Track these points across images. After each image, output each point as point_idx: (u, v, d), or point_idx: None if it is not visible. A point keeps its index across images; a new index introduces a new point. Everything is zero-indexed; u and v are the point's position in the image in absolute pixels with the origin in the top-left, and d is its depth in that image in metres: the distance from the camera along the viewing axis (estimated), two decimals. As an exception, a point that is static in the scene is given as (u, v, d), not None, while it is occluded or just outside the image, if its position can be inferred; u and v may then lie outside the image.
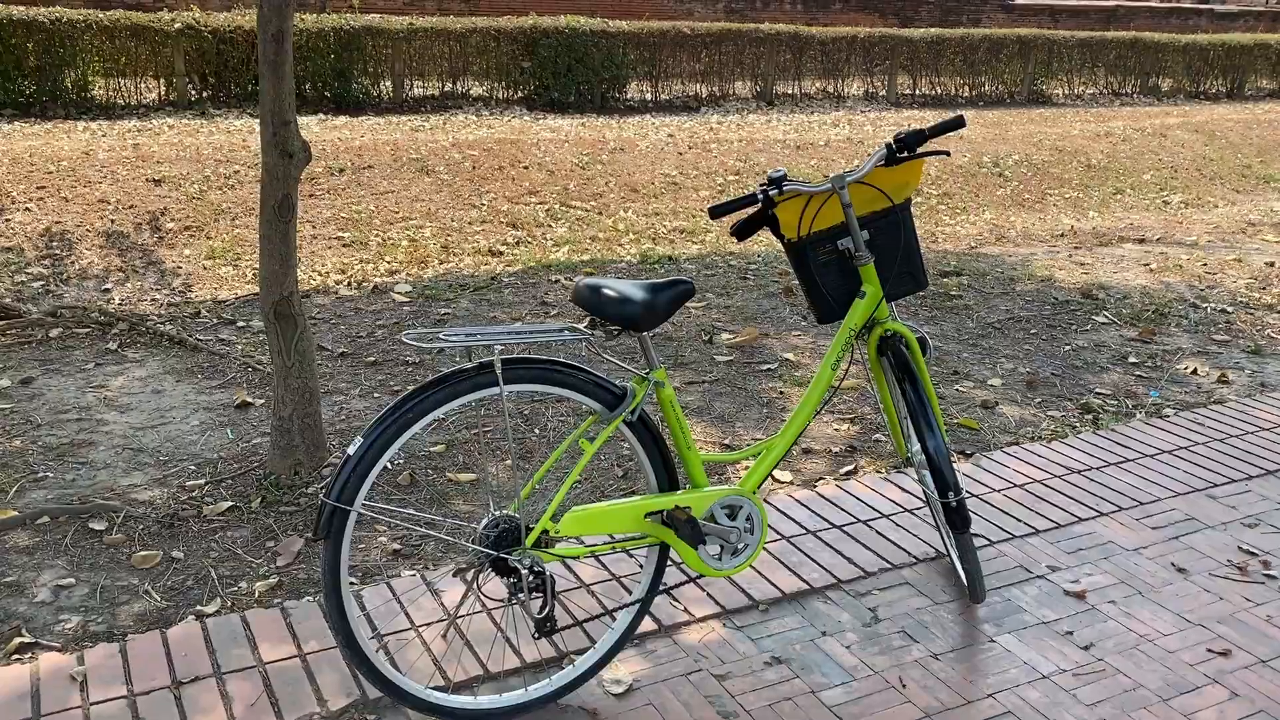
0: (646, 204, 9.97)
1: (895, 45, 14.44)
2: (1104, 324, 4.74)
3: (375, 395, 3.74)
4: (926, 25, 17.54)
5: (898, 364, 2.31)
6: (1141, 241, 6.46)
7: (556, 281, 5.20)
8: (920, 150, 2.19)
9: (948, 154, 2.37)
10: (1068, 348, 4.43)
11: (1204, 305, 5.05)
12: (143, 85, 10.92)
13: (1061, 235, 6.64)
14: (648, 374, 2.07)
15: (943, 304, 4.89)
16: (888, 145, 2.22)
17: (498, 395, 1.94)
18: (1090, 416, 3.75)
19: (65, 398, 3.67)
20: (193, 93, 10.97)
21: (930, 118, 13.86)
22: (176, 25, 10.52)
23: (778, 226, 2.28)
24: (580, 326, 2.01)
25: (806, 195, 2.23)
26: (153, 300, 7.46)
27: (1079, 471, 3.25)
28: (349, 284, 5.40)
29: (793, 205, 2.25)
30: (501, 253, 8.83)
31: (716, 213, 2.22)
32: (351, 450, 1.86)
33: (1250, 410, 3.79)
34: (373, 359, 4.10)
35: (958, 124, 2.20)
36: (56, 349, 4.20)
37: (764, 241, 9.11)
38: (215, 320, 4.76)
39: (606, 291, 1.97)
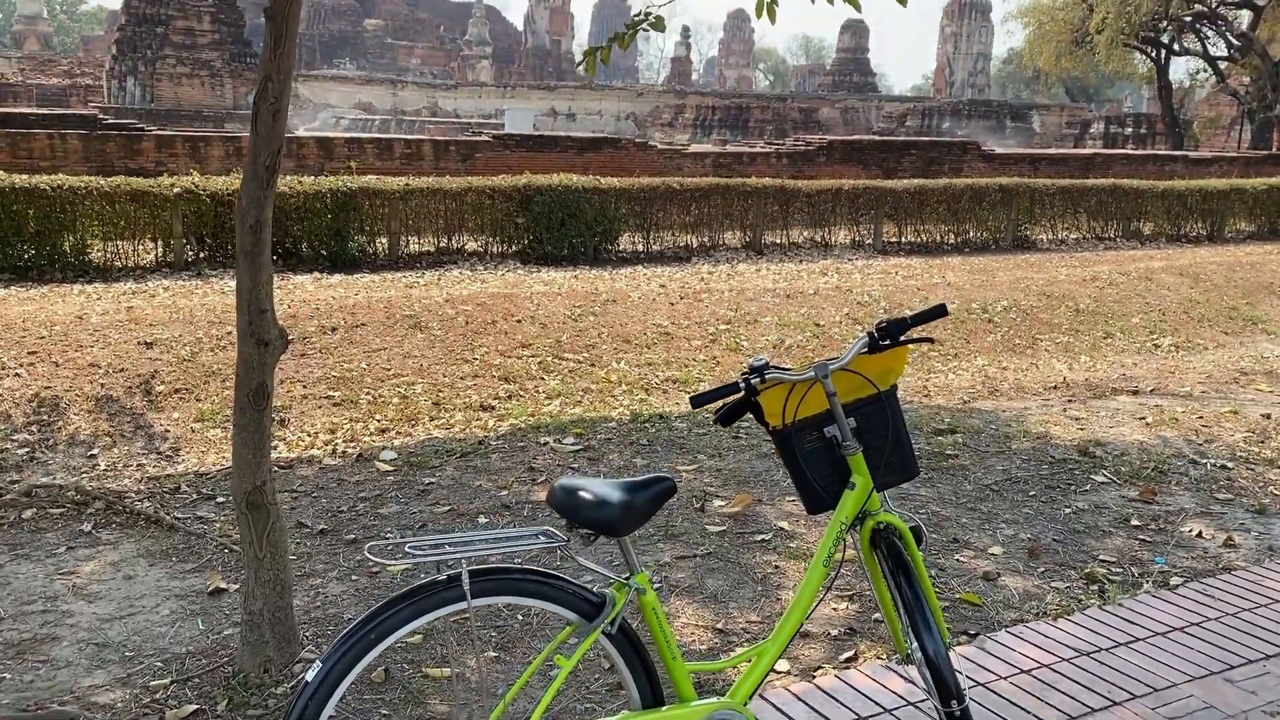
0: (639, 354, 9.99)
1: (880, 196, 14.81)
2: (1103, 483, 4.64)
3: (353, 578, 3.61)
4: (909, 176, 18.05)
5: (891, 558, 2.21)
6: (1135, 393, 6.44)
7: (545, 444, 5.12)
8: (903, 338, 2.16)
9: (932, 340, 2.32)
10: (1068, 510, 4.33)
11: (1203, 461, 4.97)
12: (140, 247, 11.10)
13: (1055, 387, 6.62)
14: (629, 579, 1.97)
15: (939, 464, 4.80)
16: (870, 334, 2.18)
17: (466, 610, 1.84)
18: (1096, 587, 3.61)
19: (33, 587, 3.54)
20: (189, 254, 11.14)
21: (917, 265, 14.09)
22: (175, 190, 10.77)
23: (761, 414, 2.22)
24: (556, 530, 1.93)
25: (789, 383, 2.18)
26: (139, 465, 7.37)
27: (1088, 654, 3.10)
28: (333, 452, 5.31)
29: (776, 393, 2.20)
30: (493, 407, 8.78)
31: (698, 402, 2.17)
32: (310, 676, 1.75)
33: (1261, 580, 3.67)
34: (352, 536, 3.98)
35: (939, 313, 2.17)
36: (29, 531, 4.08)
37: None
38: (195, 495, 4.65)
39: (582, 494, 1.90)
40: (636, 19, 3.57)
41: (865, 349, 2.19)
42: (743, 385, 2.16)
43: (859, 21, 63.19)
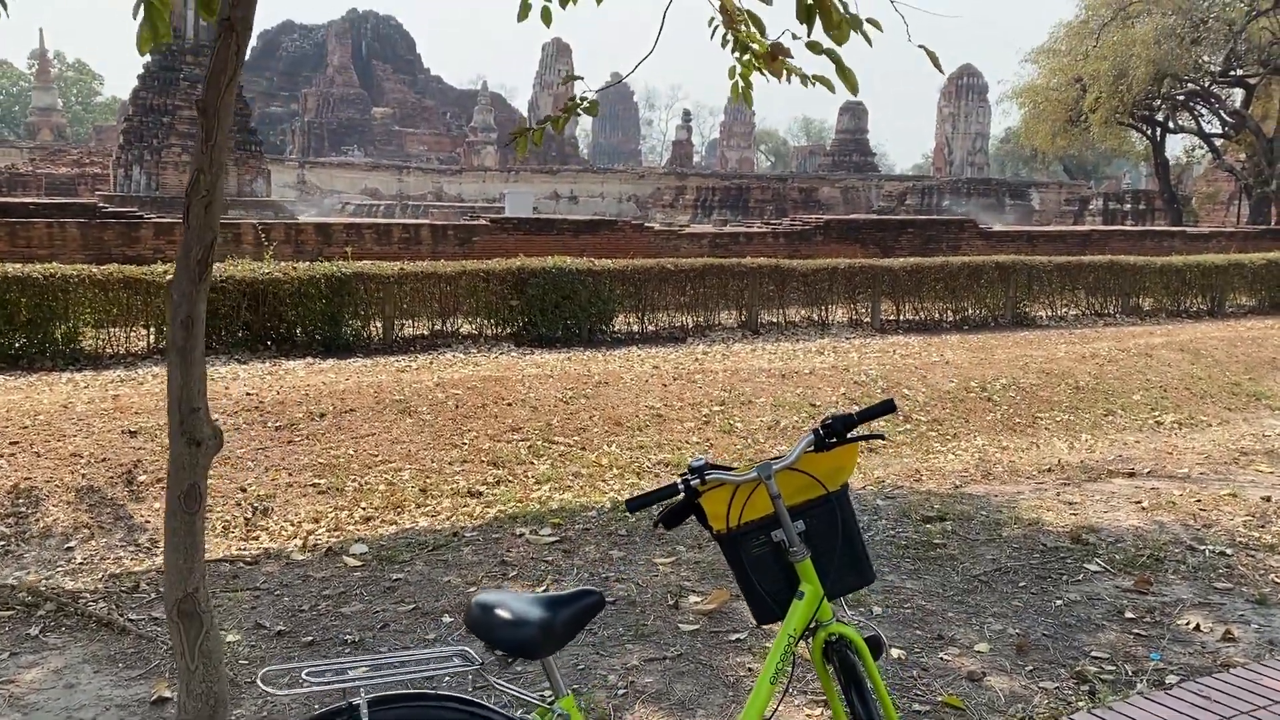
0: (631, 437, 9.85)
1: (876, 274, 14.80)
2: (1097, 573, 4.47)
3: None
4: (906, 253, 18.10)
5: (844, 672, 2.06)
6: (1132, 475, 6.27)
7: (521, 536, 4.97)
8: (851, 434, 2.05)
9: (882, 437, 2.21)
10: (1059, 602, 4.15)
11: (1201, 548, 4.79)
12: (133, 334, 11.08)
13: (1049, 470, 6.47)
14: (553, 704, 1.83)
15: (925, 554, 4.63)
16: (815, 431, 2.07)
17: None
18: (1086, 688, 3.43)
19: (-32, 696, 3.38)
20: (183, 340, 11.10)
21: (915, 343, 14.00)
22: (169, 277, 10.78)
23: (704, 517, 2.10)
24: (473, 651, 1.79)
25: (732, 485, 2.06)
26: (117, 559, 7.20)
27: (1076, 764, 2.91)
28: (303, 546, 5.17)
29: (719, 494, 2.08)
30: (481, 493, 8.62)
31: (635, 506, 2.05)
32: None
33: (1261, 678, 3.47)
34: (310, 638, 3.82)
35: (887, 408, 2.06)
36: (-25, 634, 3.93)
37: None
38: (153, 594, 4.50)
39: (498, 613, 1.76)
40: (571, 103, 3.54)
41: (811, 447, 2.07)
42: (682, 487, 2.05)
43: (858, 103, 64.33)
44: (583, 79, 3.57)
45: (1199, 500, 5.59)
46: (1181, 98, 33.90)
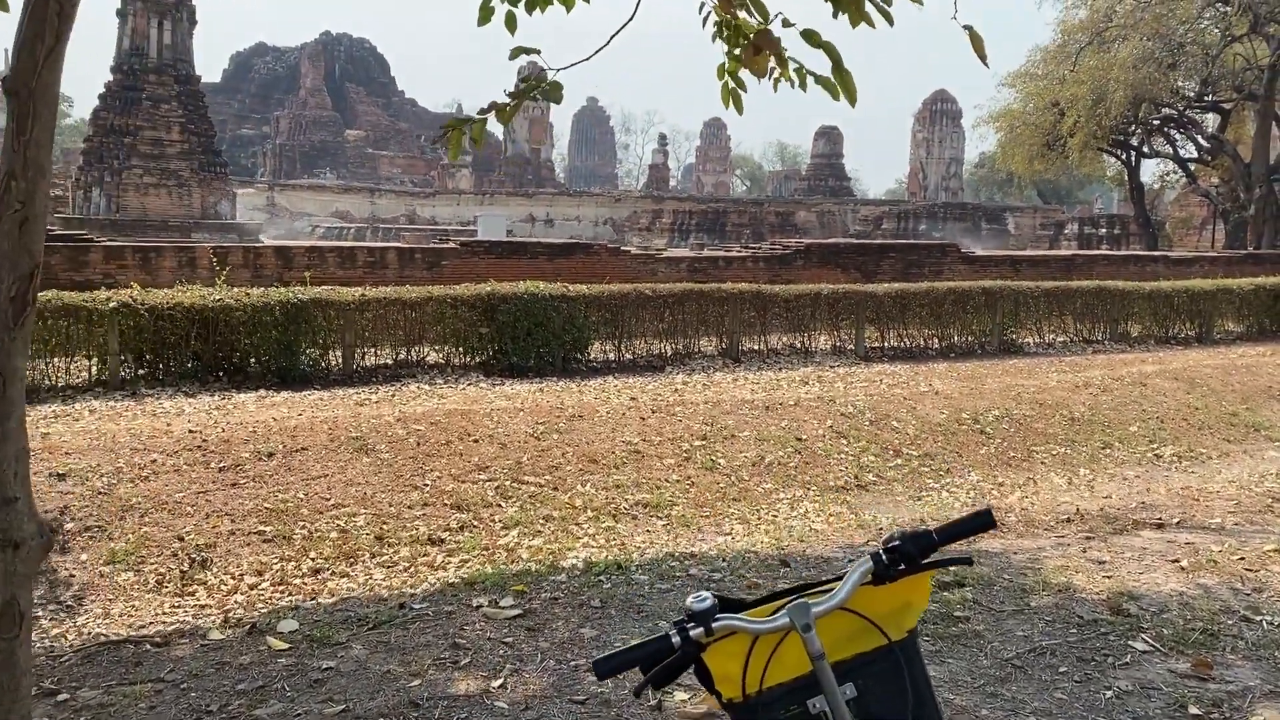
0: (607, 475, 9.19)
1: (860, 300, 14.27)
2: (1146, 652, 3.86)
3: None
4: (889, 278, 17.61)
5: None
6: (1161, 527, 5.68)
7: (478, 609, 4.29)
8: (927, 560, 1.43)
9: (969, 561, 1.58)
10: (1109, 693, 3.53)
11: (1258, 618, 4.19)
12: (74, 366, 10.33)
13: (1068, 520, 5.87)
14: None
15: (947, 630, 4.00)
16: (874, 556, 1.44)
17: None
18: (1163, 815, 2.81)
19: None
20: (125, 372, 10.36)
21: (902, 372, 13.45)
22: (111, 304, 10.06)
23: (709, 679, 1.45)
24: None
25: (752, 635, 1.42)
26: (33, 619, 6.43)
27: None
28: (224, 621, 4.47)
29: (731, 647, 1.44)
30: (443, 540, 7.92)
31: (605, 671, 1.40)
32: None
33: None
34: (214, 752, 3.13)
35: (984, 523, 1.45)
36: None
37: (734, 534, 8.27)
38: (59, 676, 3.78)
39: None
40: (524, 85, 2.86)
41: (869, 578, 1.44)
42: (678, 640, 1.40)
43: (833, 127, 64.36)
44: (539, 52, 2.90)
45: (1242, 558, 5.00)
46: (1157, 122, 33.84)
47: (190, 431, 8.55)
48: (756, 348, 13.87)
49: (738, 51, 2.79)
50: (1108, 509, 6.22)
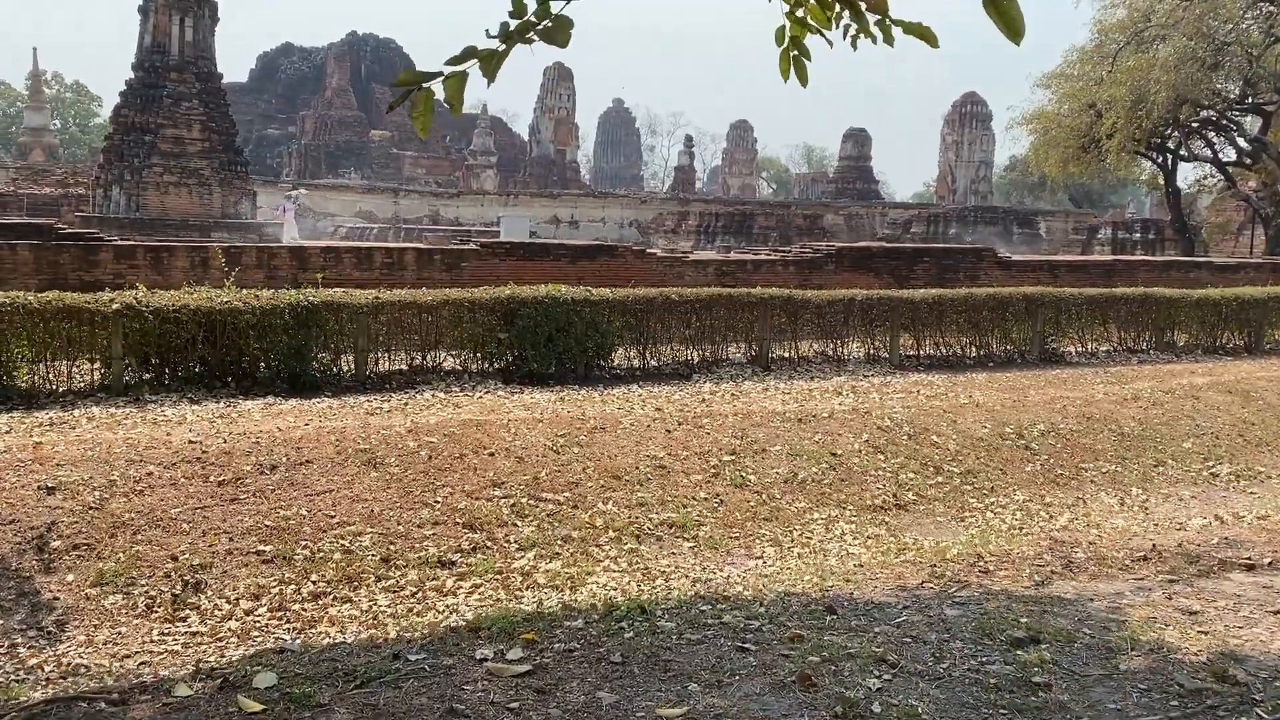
0: (630, 492, 8.66)
1: (895, 306, 13.67)
2: (1262, 731, 3.27)
3: None
4: (923, 283, 16.97)
5: None
6: (1251, 568, 5.07)
7: (483, 662, 3.76)
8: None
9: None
10: (1227, 786, 2.96)
11: (1388, 687, 3.59)
12: (76, 369, 9.91)
13: (1144, 558, 5.27)
14: None
15: (1026, 701, 3.42)
16: None
17: None
18: None
19: None
20: (129, 376, 9.93)
21: (940, 382, 12.83)
22: (115, 305, 9.63)
23: None
24: None
25: None
26: (11, 646, 6.01)
27: None
28: (194, 673, 3.96)
29: None
30: (454, 563, 7.41)
31: None
32: None
33: None
34: None
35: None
36: None
37: (766, 557, 7.71)
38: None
39: None
40: (521, 24, 2.22)
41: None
42: None
43: (860, 130, 63.59)
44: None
45: (1353, 608, 4.40)
46: (1196, 125, 32.93)
47: (190, 442, 8.10)
48: (787, 355, 13.30)
49: (801, 13, 2.25)
50: (1186, 545, 5.61)
